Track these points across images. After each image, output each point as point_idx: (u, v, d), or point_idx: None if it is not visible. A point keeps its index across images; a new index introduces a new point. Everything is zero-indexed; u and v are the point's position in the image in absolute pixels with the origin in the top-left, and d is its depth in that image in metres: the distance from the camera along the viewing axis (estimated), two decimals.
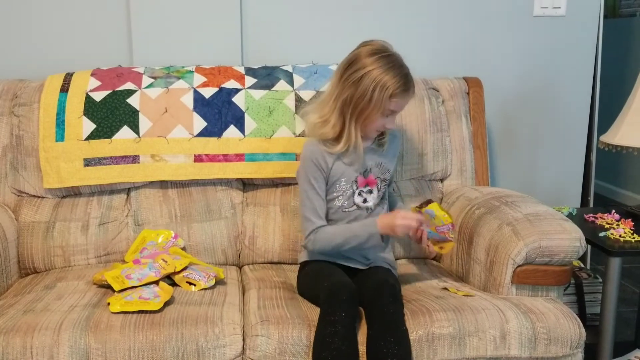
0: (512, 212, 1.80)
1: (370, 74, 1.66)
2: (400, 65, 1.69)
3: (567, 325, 1.60)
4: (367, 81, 1.66)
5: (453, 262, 1.96)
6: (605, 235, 1.96)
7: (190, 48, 2.25)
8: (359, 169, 1.78)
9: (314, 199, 1.75)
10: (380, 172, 1.81)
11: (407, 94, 1.71)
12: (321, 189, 1.76)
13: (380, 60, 1.67)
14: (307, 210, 1.76)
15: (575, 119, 2.54)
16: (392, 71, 1.67)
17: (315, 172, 1.75)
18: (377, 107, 1.68)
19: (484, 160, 2.20)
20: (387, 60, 1.68)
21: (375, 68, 1.67)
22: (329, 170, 1.76)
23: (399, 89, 1.67)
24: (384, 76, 1.66)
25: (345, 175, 1.77)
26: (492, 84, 2.36)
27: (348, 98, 1.69)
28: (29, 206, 1.97)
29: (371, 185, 1.79)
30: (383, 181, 1.82)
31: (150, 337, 1.48)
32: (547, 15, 2.44)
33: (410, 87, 1.70)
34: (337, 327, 1.47)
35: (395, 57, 1.70)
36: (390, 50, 1.71)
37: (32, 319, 1.52)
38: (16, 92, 2.05)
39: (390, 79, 1.66)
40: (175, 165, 1.99)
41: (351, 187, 1.78)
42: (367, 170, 1.79)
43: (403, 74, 1.68)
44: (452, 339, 1.54)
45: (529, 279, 1.71)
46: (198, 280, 1.73)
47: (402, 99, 1.70)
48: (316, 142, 1.77)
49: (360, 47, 1.73)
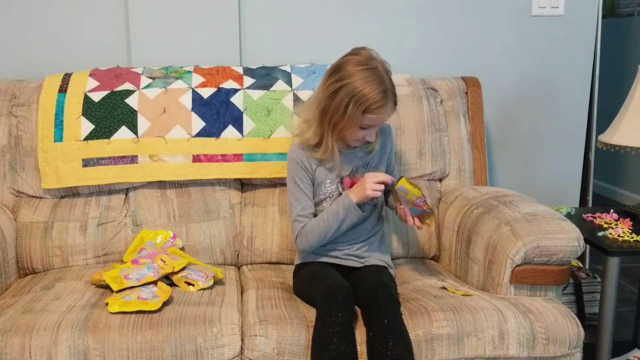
0: (510, 212, 1.80)
1: (347, 87, 1.64)
2: (380, 80, 1.64)
3: (566, 325, 1.60)
4: (343, 94, 1.65)
5: (451, 261, 1.96)
6: (604, 234, 1.96)
7: (188, 48, 2.25)
8: (345, 171, 1.78)
9: (301, 199, 1.77)
10: (368, 171, 1.80)
11: (382, 111, 1.65)
12: (307, 189, 1.78)
13: (360, 74, 1.64)
14: (295, 211, 1.77)
15: (574, 118, 2.54)
16: (369, 86, 1.63)
17: (300, 173, 1.77)
18: (351, 120, 1.66)
19: (482, 160, 2.20)
20: (366, 73, 1.64)
21: (353, 81, 1.64)
22: (313, 172, 1.78)
23: (373, 105, 1.63)
24: (359, 90, 1.63)
25: (329, 177, 1.78)
26: (491, 83, 2.37)
27: (326, 108, 1.69)
28: (28, 206, 1.97)
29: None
30: None
31: (148, 337, 1.48)
32: (545, 15, 2.44)
33: (387, 104, 1.65)
34: (335, 328, 1.47)
35: (378, 70, 1.65)
36: (373, 63, 1.66)
37: (31, 319, 1.52)
38: (14, 92, 2.05)
39: (366, 95, 1.62)
40: (173, 165, 1.99)
41: (337, 188, 1.79)
42: (354, 171, 1.79)
43: (380, 90, 1.63)
44: (450, 339, 1.55)
45: (527, 279, 1.71)
46: (196, 280, 1.73)
47: (377, 115, 1.66)
48: (299, 145, 1.79)
49: (348, 55, 1.70)
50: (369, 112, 1.65)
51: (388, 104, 1.66)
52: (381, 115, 1.68)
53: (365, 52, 1.70)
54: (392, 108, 1.69)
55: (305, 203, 1.77)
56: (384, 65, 1.69)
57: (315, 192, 1.79)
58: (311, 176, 1.78)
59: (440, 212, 2.06)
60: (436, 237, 2.06)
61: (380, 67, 1.67)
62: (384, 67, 1.68)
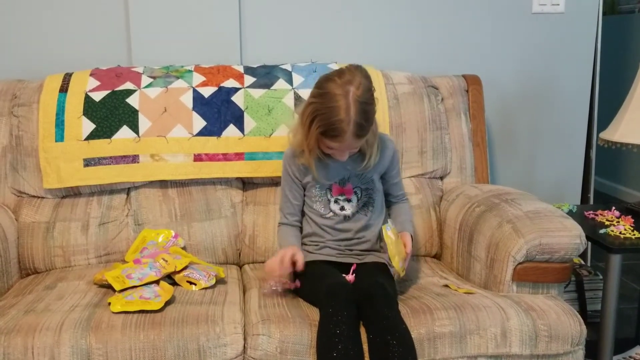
0: (512, 210, 1.80)
1: (314, 105, 1.63)
2: (345, 110, 1.57)
3: (568, 323, 1.60)
4: (309, 110, 1.64)
5: (453, 259, 1.96)
6: (606, 232, 1.96)
7: (189, 47, 2.25)
8: (335, 177, 1.79)
9: (285, 198, 1.86)
10: (361, 182, 1.80)
11: (337, 140, 1.61)
12: (293, 190, 1.83)
13: (328, 97, 1.60)
14: (280, 207, 1.89)
15: (575, 116, 2.54)
16: (330, 112, 1.59)
17: (288, 180, 1.85)
18: (313, 138, 1.66)
19: (483, 158, 2.19)
20: (334, 100, 1.58)
21: (320, 101, 1.62)
22: (302, 177, 1.81)
23: (328, 132, 1.61)
24: (321, 113, 1.60)
25: (319, 183, 1.79)
26: (492, 81, 2.36)
27: (302, 116, 1.69)
28: (29, 206, 1.97)
29: (347, 195, 1.79)
30: (364, 191, 1.80)
31: (151, 337, 1.48)
32: (546, 12, 2.44)
33: (343, 135, 1.59)
34: (342, 327, 1.47)
35: (346, 99, 1.57)
36: (346, 90, 1.58)
37: (33, 320, 1.52)
38: (15, 92, 2.04)
39: (324, 120, 1.60)
40: (174, 164, 1.99)
41: (325, 194, 1.79)
42: (345, 179, 1.79)
43: (338, 120, 1.57)
44: (453, 337, 1.55)
45: (529, 277, 1.71)
46: (198, 279, 1.73)
47: (333, 142, 1.63)
48: (292, 150, 1.82)
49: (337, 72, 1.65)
50: (325, 137, 1.64)
51: (345, 135, 1.60)
52: (338, 144, 1.64)
53: (347, 74, 1.62)
54: (353, 139, 1.61)
55: (287, 203, 1.85)
56: (361, 92, 1.60)
57: (307, 194, 1.83)
58: (299, 182, 1.83)
59: (442, 210, 2.06)
60: (438, 235, 2.06)
61: (353, 96, 1.58)
62: (359, 96, 1.59)
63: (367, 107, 1.62)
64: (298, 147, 1.77)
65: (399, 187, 1.91)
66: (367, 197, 1.81)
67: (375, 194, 1.82)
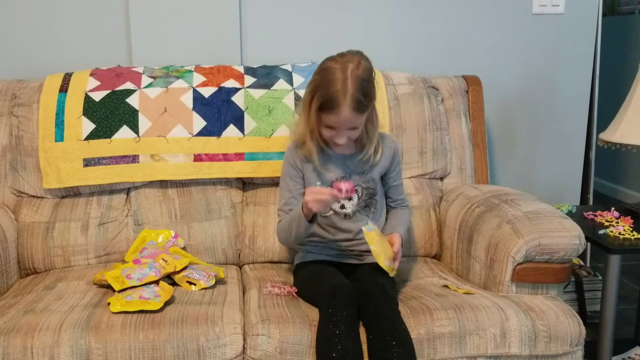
0: (511, 210, 1.80)
1: (313, 82, 1.65)
2: (342, 82, 1.58)
3: (567, 323, 1.60)
4: (309, 88, 1.66)
5: (453, 260, 1.96)
6: (605, 232, 1.96)
7: (189, 47, 2.25)
8: (337, 175, 1.78)
9: (285, 195, 1.81)
10: (362, 181, 1.80)
11: (335, 112, 1.61)
12: (294, 186, 1.80)
13: (326, 72, 1.62)
14: (279, 206, 1.83)
15: (575, 116, 2.54)
16: (328, 85, 1.60)
17: (290, 171, 1.80)
18: (314, 117, 1.67)
19: (483, 159, 2.20)
20: (332, 73, 1.60)
21: (318, 78, 1.64)
22: (303, 168, 1.80)
23: (326, 105, 1.61)
24: (319, 88, 1.62)
25: (320, 179, 1.79)
26: (491, 82, 2.36)
27: (304, 98, 1.71)
28: (29, 206, 1.97)
29: (349, 193, 1.78)
30: (366, 190, 1.80)
31: (150, 337, 1.48)
32: (546, 13, 2.44)
33: (341, 107, 1.59)
34: (341, 327, 1.47)
35: (344, 73, 1.59)
36: (344, 66, 1.60)
37: (33, 319, 1.52)
38: (15, 92, 2.04)
39: (322, 92, 1.61)
40: (174, 164, 1.99)
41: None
42: (346, 177, 1.79)
43: (336, 91, 1.58)
44: (452, 338, 1.55)
45: (529, 277, 1.71)
46: (198, 279, 1.73)
47: (331, 115, 1.62)
48: (294, 145, 1.81)
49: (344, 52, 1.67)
50: (324, 111, 1.63)
51: (342, 107, 1.59)
52: (336, 118, 1.63)
53: (347, 55, 1.65)
54: (351, 113, 1.60)
55: (287, 199, 1.81)
56: (360, 70, 1.61)
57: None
58: (301, 175, 1.80)
59: (442, 210, 2.06)
60: (437, 235, 2.06)
61: (352, 71, 1.60)
62: (358, 72, 1.60)
63: (365, 83, 1.62)
64: (299, 139, 1.77)
65: (399, 191, 1.89)
66: (369, 198, 1.81)
67: (377, 195, 1.82)
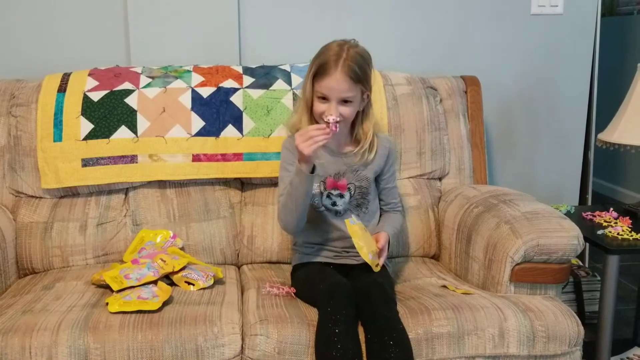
0: (510, 211, 1.80)
1: (312, 62, 1.71)
2: (337, 52, 1.66)
3: (566, 323, 1.60)
4: (308, 68, 1.72)
5: (451, 260, 1.96)
6: (604, 233, 1.96)
7: (187, 47, 2.25)
8: (330, 171, 1.78)
9: (286, 181, 1.74)
10: (356, 179, 1.80)
11: (328, 75, 1.65)
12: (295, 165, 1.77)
13: (324, 47, 1.71)
14: (279, 192, 1.77)
15: (573, 117, 2.54)
16: (324, 52, 1.69)
17: (288, 158, 1.77)
18: (309, 87, 1.71)
19: (482, 159, 2.20)
20: (329, 46, 1.70)
21: (317, 54, 1.71)
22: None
23: (320, 68, 1.67)
24: (315, 60, 1.69)
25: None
26: (490, 82, 2.37)
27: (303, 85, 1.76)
28: (27, 206, 1.97)
29: (341, 190, 1.78)
30: (359, 189, 1.80)
31: (149, 337, 1.48)
32: (544, 14, 2.44)
33: (334, 69, 1.65)
34: (341, 326, 1.47)
35: (341, 47, 1.67)
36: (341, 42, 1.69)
37: (31, 320, 1.52)
38: (13, 92, 2.04)
39: (318, 57, 1.69)
40: (173, 164, 1.99)
41: (319, 186, 1.78)
42: (340, 174, 1.79)
43: (331, 55, 1.66)
44: (451, 338, 1.55)
45: (527, 277, 1.71)
46: (197, 279, 1.73)
47: (324, 79, 1.66)
48: (290, 136, 1.81)
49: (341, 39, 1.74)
50: (318, 78, 1.67)
51: (335, 70, 1.65)
52: (329, 81, 1.66)
53: (345, 39, 1.72)
54: (343, 78, 1.65)
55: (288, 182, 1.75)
56: (358, 48, 1.70)
57: None
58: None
59: (440, 211, 2.06)
60: (436, 235, 2.06)
61: (349, 46, 1.68)
62: (354, 48, 1.68)
63: (360, 58, 1.68)
64: (293, 128, 1.78)
65: (391, 194, 1.88)
66: (361, 197, 1.80)
67: (369, 195, 1.82)
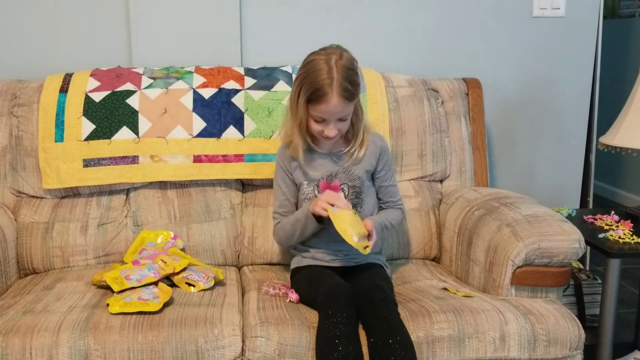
0: (511, 213, 1.79)
1: (299, 77, 1.67)
2: (327, 72, 1.61)
3: (567, 327, 1.60)
4: (296, 83, 1.68)
5: (452, 263, 1.96)
6: (605, 236, 1.96)
7: (189, 48, 2.25)
8: (323, 173, 1.79)
9: (279, 197, 1.84)
10: (348, 179, 1.80)
11: (324, 100, 1.62)
12: (287, 188, 1.83)
13: (310, 64, 1.64)
14: (273, 208, 1.87)
15: (575, 120, 2.54)
16: (313, 75, 1.62)
17: (281, 173, 1.84)
18: (302, 111, 1.68)
19: (483, 161, 2.20)
20: (316, 64, 1.63)
21: (303, 71, 1.66)
22: (291, 173, 1.82)
23: (314, 95, 1.63)
24: (306, 79, 1.63)
25: (307, 179, 1.80)
26: (492, 84, 2.37)
27: (291, 95, 1.73)
28: (28, 207, 1.97)
29: (335, 191, 1.78)
30: (352, 188, 1.80)
31: (149, 338, 1.48)
32: (546, 16, 2.44)
33: (329, 95, 1.61)
34: (341, 328, 1.47)
35: (328, 63, 1.62)
36: (327, 57, 1.63)
37: (32, 320, 1.52)
38: (15, 92, 2.04)
39: (309, 83, 1.62)
40: (174, 165, 1.99)
41: (313, 190, 1.80)
42: (332, 176, 1.79)
43: (322, 79, 1.60)
44: (451, 341, 1.54)
45: (528, 280, 1.71)
46: (197, 281, 1.73)
47: (320, 105, 1.63)
48: (284, 146, 1.83)
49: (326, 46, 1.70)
50: (313, 102, 1.65)
51: (330, 96, 1.61)
52: (326, 107, 1.63)
53: (329, 49, 1.68)
54: (340, 101, 1.62)
55: (282, 201, 1.84)
56: (344, 60, 1.64)
57: (300, 193, 1.83)
58: (291, 177, 1.83)
59: (441, 213, 2.06)
60: (437, 238, 2.05)
61: (336, 61, 1.63)
62: (342, 62, 1.63)
63: (350, 72, 1.65)
64: (287, 138, 1.79)
65: (390, 192, 1.86)
66: (355, 196, 1.80)
67: (364, 194, 1.81)
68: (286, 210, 1.83)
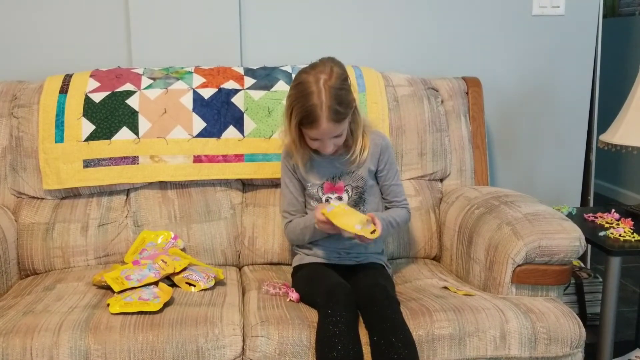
0: (511, 212, 1.79)
1: (289, 98, 1.67)
2: (316, 96, 1.59)
3: (567, 325, 1.60)
4: (287, 104, 1.68)
5: (453, 261, 1.96)
6: (605, 234, 1.96)
7: (189, 49, 2.25)
8: (327, 175, 1.79)
9: (287, 196, 1.84)
10: (352, 180, 1.80)
11: (314, 126, 1.62)
12: (294, 187, 1.84)
13: (299, 87, 1.63)
14: (282, 207, 1.88)
15: (575, 118, 2.54)
16: (302, 100, 1.61)
17: (287, 173, 1.84)
18: (295, 131, 1.69)
19: (483, 160, 2.19)
20: (303, 87, 1.62)
21: (293, 93, 1.65)
22: (296, 173, 1.83)
23: (304, 120, 1.63)
24: (295, 103, 1.63)
25: (311, 180, 1.80)
26: (491, 83, 2.37)
27: (285, 113, 1.71)
28: (29, 207, 1.97)
29: (339, 192, 1.79)
30: (355, 189, 1.80)
31: (149, 338, 1.48)
32: (546, 15, 2.44)
33: (318, 120, 1.60)
34: (341, 327, 1.47)
35: (317, 85, 1.60)
36: (313, 77, 1.61)
37: (32, 320, 1.52)
38: (15, 93, 2.05)
39: (298, 108, 1.62)
40: (174, 166, 1.99)
41: (317, 192, 1.80)
42: (336, 177, 1.80)
43: (309, 105, 1.60)
44: (452, 340, 1.54)
45: (528, 279, 1.71)
46: (197, 281, 1.73)
47: (311, 129, 1.64)
48: (286, 151, 1.84)
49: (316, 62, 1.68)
50: (304, 126, 1.66)
51: (320, 120, 1.60)
52: (317, 130, 1.64)
53: (319, 65, 1.65)
54: (330, 124, 1.62)
55: (290, 200, 1.84)
56: (333, 79, 1.61)
57: (307, 194, 1.84)
58: (297, 177, 1.83)
59: (442, 212, 2.06)
60: (437, 237, 2.05)
61: (324, 82, 1.60)
62: (330, 82, 1.61)
63: (339, 91, 1.63)
64: (288, 149, 1.81)
65: (394, 192, 1.85)
66: (358, 196, 1.81)
67: (366, 193, 1.82)
68: (295, 209, 1.84)
